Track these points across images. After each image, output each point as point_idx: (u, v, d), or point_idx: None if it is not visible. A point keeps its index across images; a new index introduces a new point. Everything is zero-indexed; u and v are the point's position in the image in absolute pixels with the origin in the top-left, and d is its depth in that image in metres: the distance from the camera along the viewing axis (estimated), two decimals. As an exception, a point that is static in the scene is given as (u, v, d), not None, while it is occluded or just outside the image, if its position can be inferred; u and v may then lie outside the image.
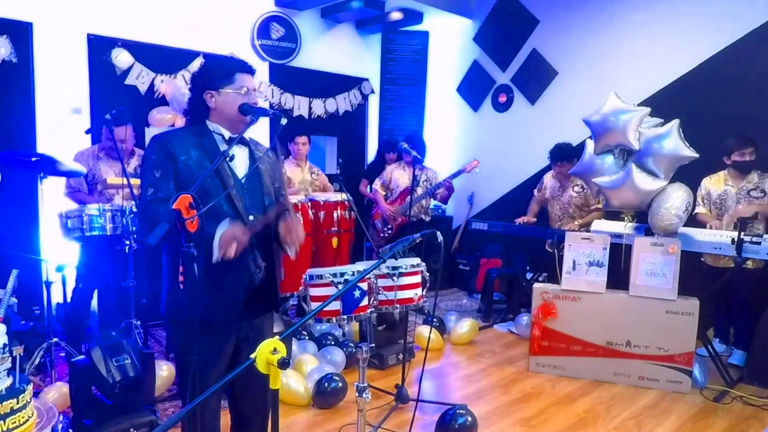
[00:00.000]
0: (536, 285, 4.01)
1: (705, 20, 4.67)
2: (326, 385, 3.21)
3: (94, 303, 4.01)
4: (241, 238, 1.79)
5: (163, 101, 4.70)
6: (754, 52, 4.42)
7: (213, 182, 1.87)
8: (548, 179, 4.85)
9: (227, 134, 1.96)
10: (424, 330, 4.24)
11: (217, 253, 1.77)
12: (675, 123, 3.62)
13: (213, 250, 1.76)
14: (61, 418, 2.60)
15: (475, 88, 6.40)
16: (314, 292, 2.33)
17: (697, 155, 3.57)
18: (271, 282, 2.06)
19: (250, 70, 2.00)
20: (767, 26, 4.36)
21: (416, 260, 2.71)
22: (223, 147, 1.94)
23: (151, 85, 4.68)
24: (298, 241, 1.97)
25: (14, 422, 1.88)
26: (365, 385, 2.31)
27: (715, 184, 4.04)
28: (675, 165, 3.66)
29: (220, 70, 1.97)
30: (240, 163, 1.98)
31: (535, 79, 5.84)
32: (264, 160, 2.06)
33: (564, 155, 4.57)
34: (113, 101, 4.02)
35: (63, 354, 3.49)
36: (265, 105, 5.42)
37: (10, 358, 1.94)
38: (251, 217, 1.93)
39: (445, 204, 5.14)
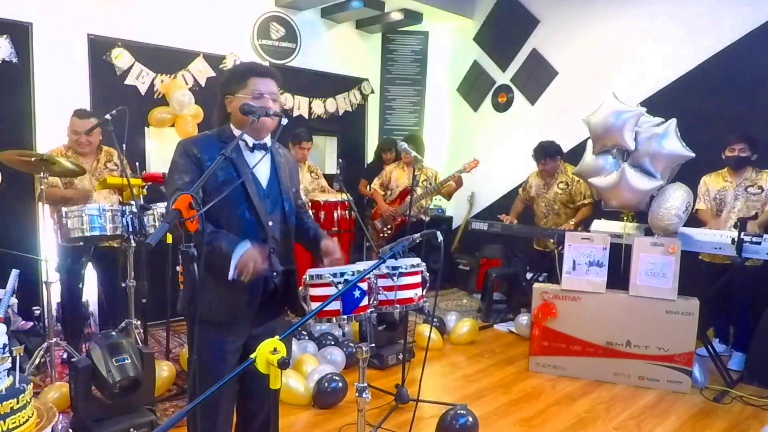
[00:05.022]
0: (536, 285, 4.01)
1: (705, 20, 4.68)
2: (326, 385, 3.21)
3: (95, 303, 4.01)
4: (258, 265, 1.83)
5: (163, 101, 4.70)
6: (754, 52, 4.42)
7: (237, 190, 1.89)
8: (533, 178, 4.92)
9: (251, 141, 1.99)
10: (424, 330, 4.24)
11: (233, 272, 1.80)
12: (672, 123, 3.62)
13: (230, 268, 1.80)
14: (61, 417, 2.60)
15: (475, 88, 6.40)
16: (314, 292, 2.32)
17: (693, 155, 3.57)
18: (290, 286, 2.11)
19: (263, 74, 1.98)
20: (767, 26, 4.37)
21: (416, 260, 2.70)
22: (246, 152, 1.98)
23: (151, 85, 4.68)
24: (336, 262, 2.13)
25: (14, 422, 1.88)
26: (365, 385, 2.30)
27: (714, 181, 4.06)
28: (672, 165, 3.66)
29: (236, 74, 2.00)
30: (262, 171, 2.02)
31: (535, 79, 5.84)
32: (284, 165, 2.11)
33: (547, 153, 4.65)
34: (113, 101, 4.01)
35: (63, 354, 3.49)
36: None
37: (10, 358, 1.94)
38: (269, 229, 1.99)
39: (448, 200, 5.14)
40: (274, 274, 2.03)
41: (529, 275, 5.06)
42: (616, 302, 3.67)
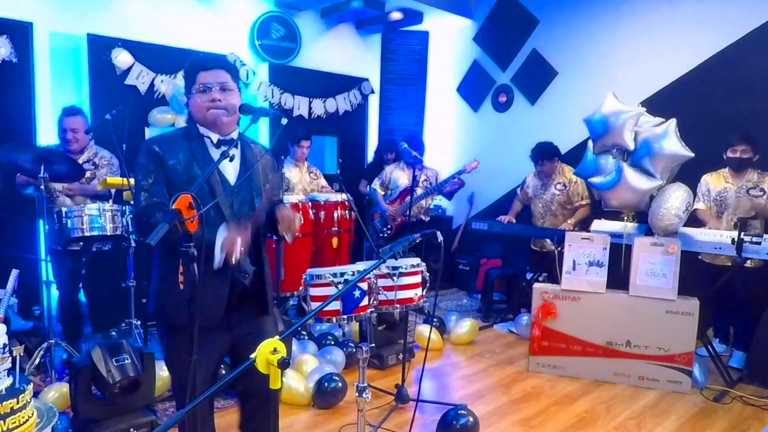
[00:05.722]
0: (536, 285, 4.01)
1: (705, 20, 4.68)
2: (326, 385, 3.21)
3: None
4: (244, 237, 1.76)
5: (163, 101, 4.70)
6: (754, 52, 4.42)
7: (201, 189, 1.81)
8: (530, 178, 4.94)
9: (215, 137, 1.93)
10: (424, 330, 4.24)
11: (219, 257, 1.74)
12: (671, 123, 3.62)
13: (215, 256, 1.74)
14: (60, 418, 2.60)
15: (475, 88, 6.40)
16: (314, 292, 2.33)
17: (693, 155, 3.57)
18: (260, 286, 2.02)
19: (207, 66, 1.93)
20: (767, 26, 4.37)
21: (416, 260, 2.71)
22: (212, 150, 1.93)
23: (151, 85, 4.68)
24: (294, 226, 1.95)
25: (14, 422, 1.88)
26: (365, 385, 2.31)
27: (715, 181, 4.04)
28: (671, 165, 3.66)
29: (187, 75, 1.96)
30: (231, 167, 1.95)
31: (535, 79, 5.84)
32: (254, 159, 2.02)
33: (544, 154, 4.66)
34: (113, 101, 4.01)
35: (63, 354, 3.49)
36: (265, 104, 5.42)
37: (10, 358, 1.94)
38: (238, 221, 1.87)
39: (449, 199, 5.14)
40: (245, 275, 1.95)
41: (529, 275, 5.06)
42: (616, 302, 3.67)
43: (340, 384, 3.23)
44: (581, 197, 4.64)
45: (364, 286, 2.39)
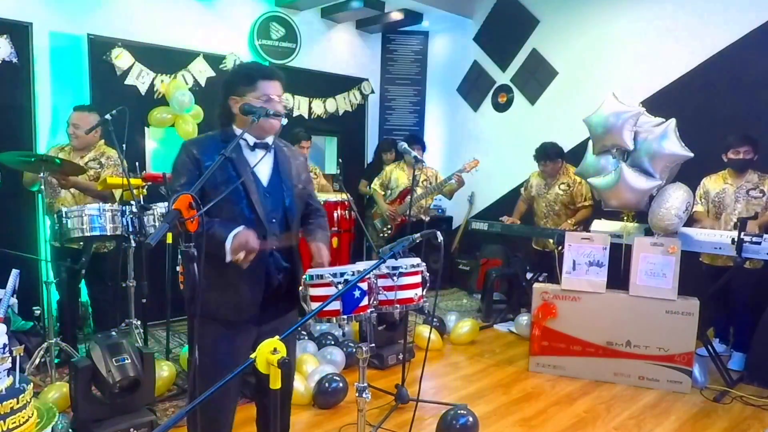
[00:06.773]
0: (536, 285, 4.01)
1: (705, 20, 4.68)
2: (326, 385, 3.21)
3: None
4: (251, 246, 1.82)
5: (163, 101, 4.70)
6: (753, 52, 4.42)
7: (235, 189, 1.90)
8: (534, 178, 4.93)
9: (252, 140, 1.99)
10: (424, 330, 4.24)
11: (228, 256, 1.82)
12: (671, 123, 3.62)
13: (226, 252, 1.81)
14: (60, 418, 2.60)
15: (475, 88, 6.40)
16: (314, 292, 2.32)
17: (692, 155, 3.57)
18: (293, 283, 2.11)
19: (272, 77, 2.00)
20: (767, 26, 4.37)
21: (416, 260, 2.70)
22: (246, 151, 1.98)
23: (151, 85, 4.68)
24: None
25: (14, 422, 1.88)
26: (365, 385, 2.30)
27: (714, 182, 4.05)
28: (670, 165, 3.66)
29: (242, 77, 2.01)
30: (263, 169, 2.02)
31: (535, 79, 5.84)
32: (288, 161, 2.11)
33: (548, 155, 4.66)
34: (113, 101, 4.01)
35: (63, 354, 3.49)
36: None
37: (10, 358, 1.94)
38: (271, 226, 1.97)
39: (449, 198, 5.13)
40: (278, 272, 2.03)
41: (529, 275, 5.06)
42: (616, 302, 3.67)
43: (340, 384, 3.24)
44: (584, 198, 4.62)
45: (364, 286, 2.38)
